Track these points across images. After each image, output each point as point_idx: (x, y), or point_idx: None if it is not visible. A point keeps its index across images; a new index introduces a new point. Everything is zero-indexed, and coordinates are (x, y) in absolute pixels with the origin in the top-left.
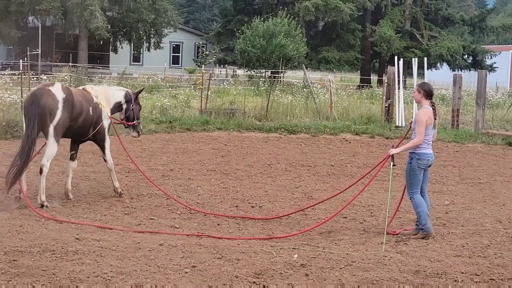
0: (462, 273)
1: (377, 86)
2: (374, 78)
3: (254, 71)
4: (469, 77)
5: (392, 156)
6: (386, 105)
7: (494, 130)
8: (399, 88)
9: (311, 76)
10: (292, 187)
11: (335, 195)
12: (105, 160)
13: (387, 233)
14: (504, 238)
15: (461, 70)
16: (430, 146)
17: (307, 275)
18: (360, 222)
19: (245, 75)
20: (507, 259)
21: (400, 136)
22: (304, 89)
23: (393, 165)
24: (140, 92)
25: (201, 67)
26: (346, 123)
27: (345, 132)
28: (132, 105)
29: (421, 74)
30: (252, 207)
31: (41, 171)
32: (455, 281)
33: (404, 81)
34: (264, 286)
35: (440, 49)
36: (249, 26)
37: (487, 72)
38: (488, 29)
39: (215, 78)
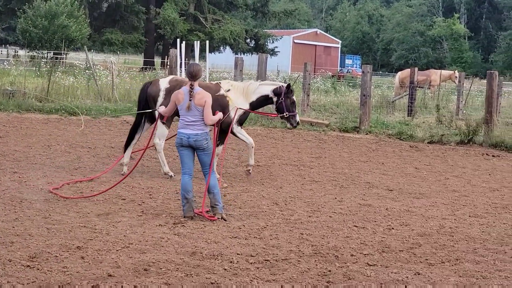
0: (237, 254)
1: (161, 69)
2: (158, 60)
3: (36, 52)
4: (252, 60)
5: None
6: None
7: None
8: (181, 71)
9: (95, 58)
10: (71, 168)
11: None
12: (245, 142)
13: (199, 214)
14: (280, 220)
15: (244, 54)
16: (187, 127)
17: (83, 258)
18: (139, 204)
19: (26, 56)
20: (282, 240)
21: None
22: (87, 71)
23: (162, 122)
24: (288, 86)
25: None
26: (128, 105)
27: (127, 114)
28: (282, 98)
29: (204, 57)
30: (28, 188)
31: (156, 149)
32: (231, 262)
33: (187, 64)
34: (38, 270)
35: (223, 32)
36: (31, 6)
37: (269, 55)
38: (270, 14)
39: None
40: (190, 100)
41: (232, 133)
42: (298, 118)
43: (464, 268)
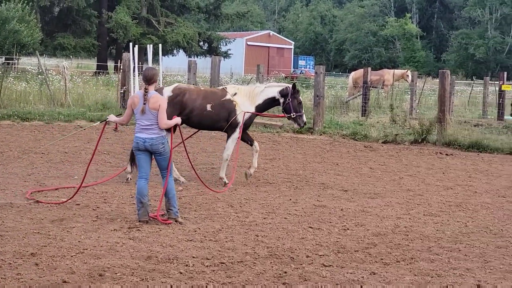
0: (193, 257)
1: (114, 73)
2: (111, 64)
3: None
4: (205, 63)
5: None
6: (122, 91)
7: None
8: (134, 75)
9: (48, 63)
10: (25, 174)
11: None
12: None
13: (154, 218)
14: (235, 222)
15: (197, 57)
16: (142, 131)
17: (37, 265)
18: (93, 209)
19: None
20: (237, 242)
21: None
22: (39, 76)
23: (115, 130)
24: (294, 86)
25: None
26: (81, 110)
27: (80, 119)
28: (289, 99)
29: (157, 61)
30: None
31: None
32: (186, 265)
33: (141, 68)
34: None
35: (176, 35)
36: None
37: (222, 58)
38: (223, 17)
39: None
40: (144, 104)
41: (229, 133)
42: (305, 118)
43: (419, 267)
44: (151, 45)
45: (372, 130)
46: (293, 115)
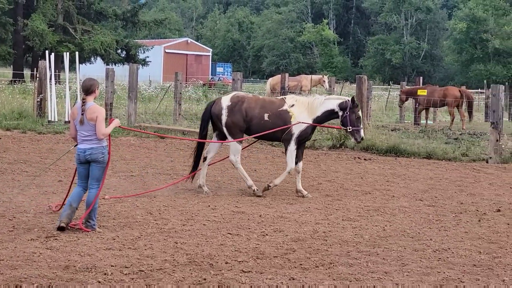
0: (112, 266)
1: (30, 81)
2: (27, 72)
3: None
4: (123, 71)
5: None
6: (38, 99)
7: (146, 123)
8: (51, 83)
9: None
10: None
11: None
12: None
13: (73, 227)
14: (154, 230)
15: (115, 64)
16: (83, 142)
17: None
18: (10, 219)
19: None
20: (157, 250)
21: (52, 131)
22: None
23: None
24: (353, 100)
25: None
26: None
27: None
28: (347, 113)
29: (74, 69)
30: None
31: (233, 165)
32: (105, 274)
33: (58, 76)
34: None
35: (93, 43)
36: None
37: (140, 66)
38: (141, 24)
39: None
40: (82, 115)
41: (285, 144)
42: (362, 134)
43: (337, 271)
44: (68, 53)
45: None
46: (349, 128)
